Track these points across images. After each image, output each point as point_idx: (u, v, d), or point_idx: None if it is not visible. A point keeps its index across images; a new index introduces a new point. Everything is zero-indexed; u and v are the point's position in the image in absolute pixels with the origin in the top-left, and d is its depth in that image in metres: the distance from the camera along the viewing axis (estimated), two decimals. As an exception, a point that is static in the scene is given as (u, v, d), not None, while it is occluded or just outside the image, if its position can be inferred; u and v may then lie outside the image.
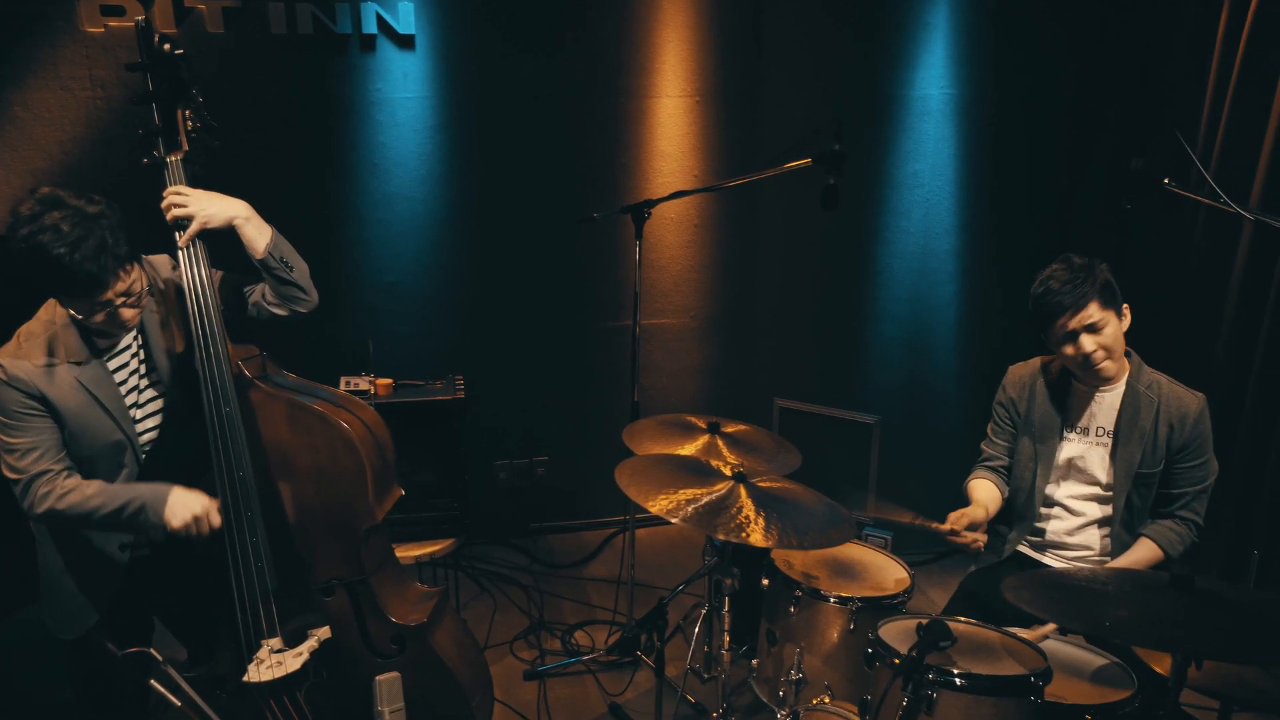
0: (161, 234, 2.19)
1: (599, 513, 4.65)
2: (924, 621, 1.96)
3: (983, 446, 2.85)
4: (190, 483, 2.17)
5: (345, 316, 4.08)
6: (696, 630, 3.20)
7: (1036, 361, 2.74)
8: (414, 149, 4.09)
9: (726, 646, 2.48)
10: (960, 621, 2.26)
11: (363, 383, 3.45)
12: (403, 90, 3.99)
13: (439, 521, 3.42)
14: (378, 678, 2.04)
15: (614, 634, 3.65)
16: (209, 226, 2.12)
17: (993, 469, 2.80)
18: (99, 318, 1.97)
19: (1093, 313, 2.43)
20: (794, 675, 2.57)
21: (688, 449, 2.94)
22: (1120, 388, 2.56)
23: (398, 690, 2.04)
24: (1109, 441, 2.57)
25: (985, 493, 2.73)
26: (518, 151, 4.18)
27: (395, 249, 4.18)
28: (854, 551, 2.91)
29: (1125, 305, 2.52)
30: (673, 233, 4.50)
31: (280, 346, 2.53)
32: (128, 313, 1.99)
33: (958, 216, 4.26)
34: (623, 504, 4.52)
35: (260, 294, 2.27)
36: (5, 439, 1.96)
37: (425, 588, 2.48)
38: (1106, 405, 2.58)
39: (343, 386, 3.44)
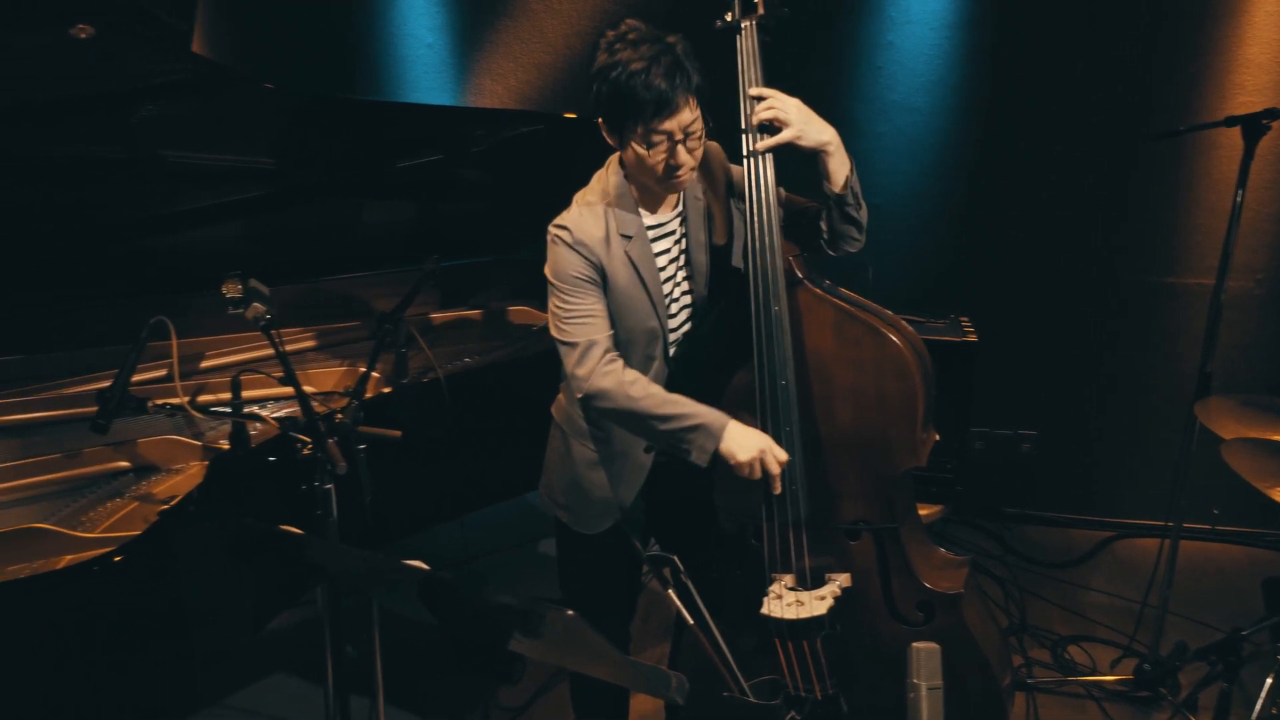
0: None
1: (1095, 509, 4.10)
2: None
3: None
4: (707, 389, 2.11)
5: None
6: (1269, 682, 2.65)
7: None
8: (926, 50, 3.79)
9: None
10: None
11: (862, 314, 3.27)
12: (924, -22, 3.69)
13: (928, 482, 3.17)
14: (915, 645, 1.86)
15: (1123, 658, 3.18)
16: (797, 143, 2.01)
17: None
18: (658, 155, 1.92)
19: None
20: None
21: (1296, 439, 2.40)
22: None
23: (937, 665, 1.84)
24: None
25: None
26: (1049, 54, 3.74)
27: (888, 167, 3.93)
28: None
29: None
30: (1244, 169, 3.78)
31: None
32: (684, 155, 1.94)
33: None
34: (1130, 502, 4.02)
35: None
36: (563, 302, 2.01)
37: (950, 554, 2.24)
38: None
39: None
